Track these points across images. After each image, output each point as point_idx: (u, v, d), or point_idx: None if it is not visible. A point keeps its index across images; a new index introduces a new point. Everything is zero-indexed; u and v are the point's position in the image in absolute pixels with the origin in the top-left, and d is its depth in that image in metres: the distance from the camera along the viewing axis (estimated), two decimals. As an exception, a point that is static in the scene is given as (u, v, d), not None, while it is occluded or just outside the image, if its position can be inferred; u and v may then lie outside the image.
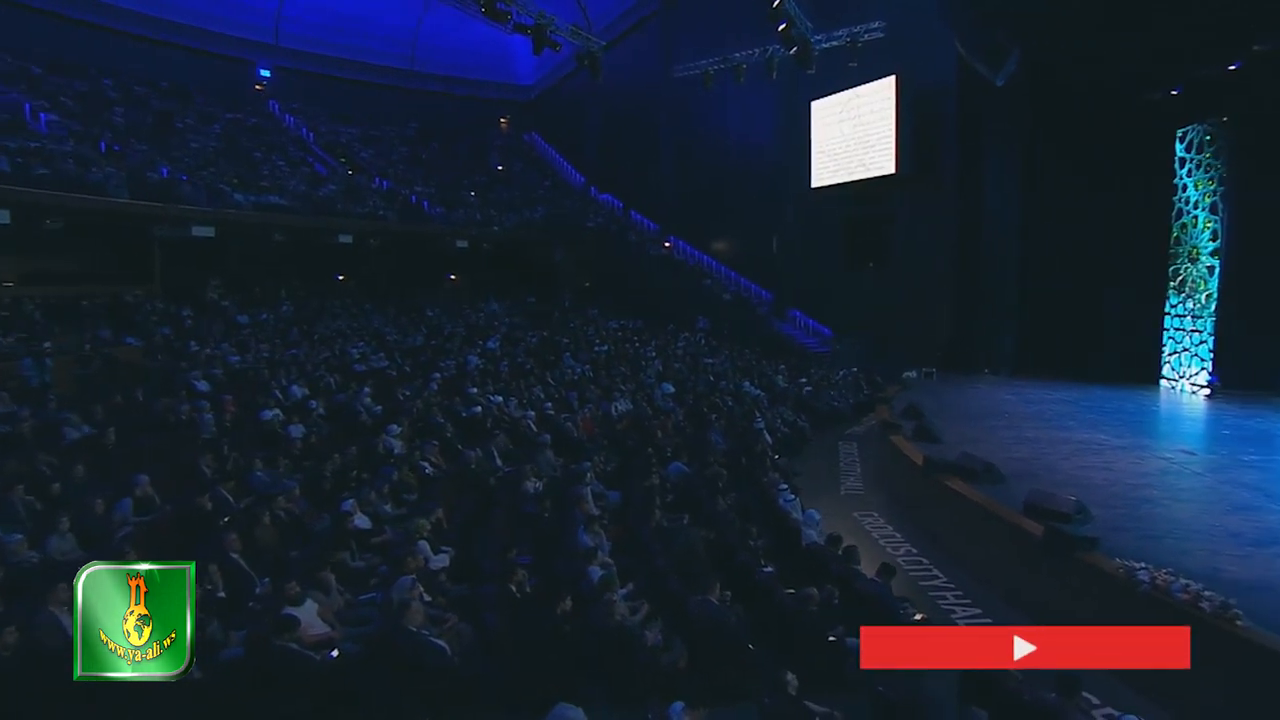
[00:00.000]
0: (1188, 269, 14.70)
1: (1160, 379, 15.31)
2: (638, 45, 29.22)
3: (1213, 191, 14.16)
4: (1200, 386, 14.34)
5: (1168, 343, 15.24)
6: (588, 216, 32.24)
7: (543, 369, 17.26)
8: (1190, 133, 14.54)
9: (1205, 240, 14.30)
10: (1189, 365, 14.70)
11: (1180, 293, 14.88)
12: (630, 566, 6.74)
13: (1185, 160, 14.68)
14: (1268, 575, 6.05)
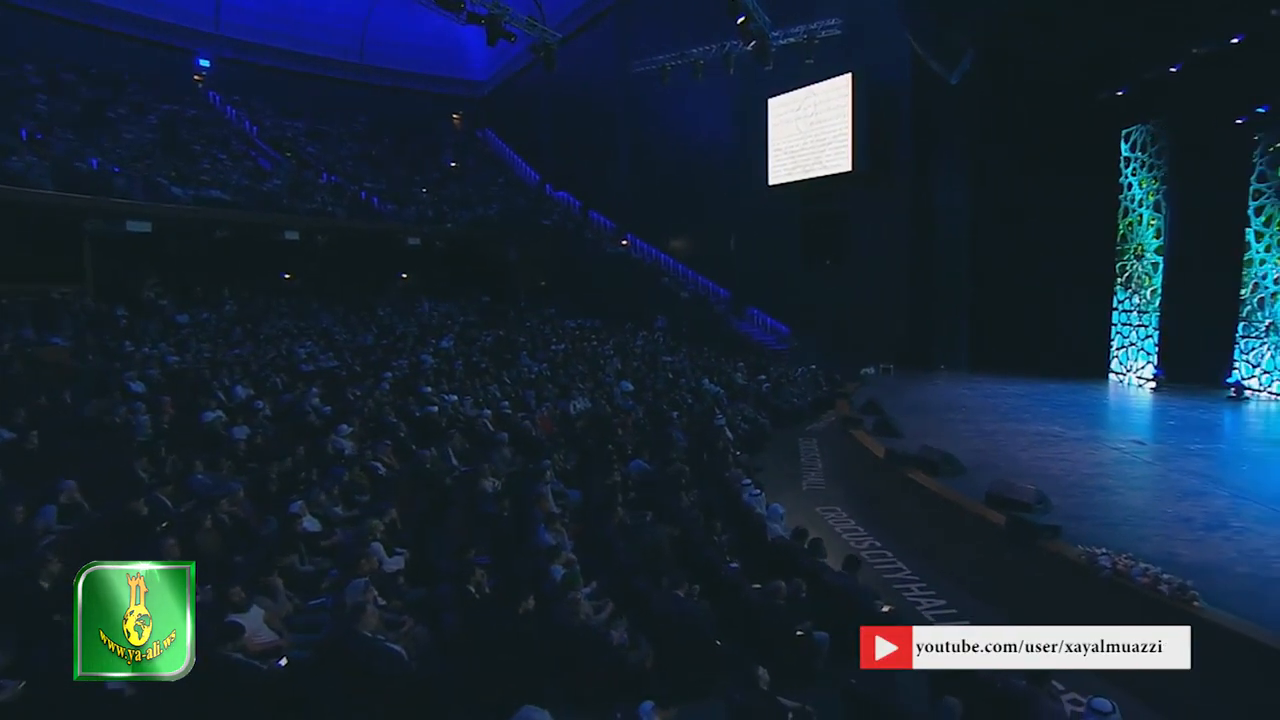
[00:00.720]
0: (1133, 266, 15.20)
1: (1109, 373, 15.79)
2: (593, 40, 29.07)
3: (1156, 190, 14.67)
4: (1146, 380, 14.83)
5: (1115, 338, 15.75)
6: (543, 214, 31.97)
7: (499, 368, 17.02)
8: (1135, 132, 15.04)
9: (1150, 237, 14.81)
10: (1135, 359, 15.20)
11: (1127, 289, 15.38)
12: (593, 565, 6.60)
13: (1130, 159, 15.19)
14: (1219, 558, 6.23)
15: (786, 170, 22.48)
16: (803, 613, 5.83)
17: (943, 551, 7.93)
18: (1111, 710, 4.00)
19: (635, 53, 24.38)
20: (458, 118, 39.27)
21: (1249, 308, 13.88)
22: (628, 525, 7.49)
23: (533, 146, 35.47)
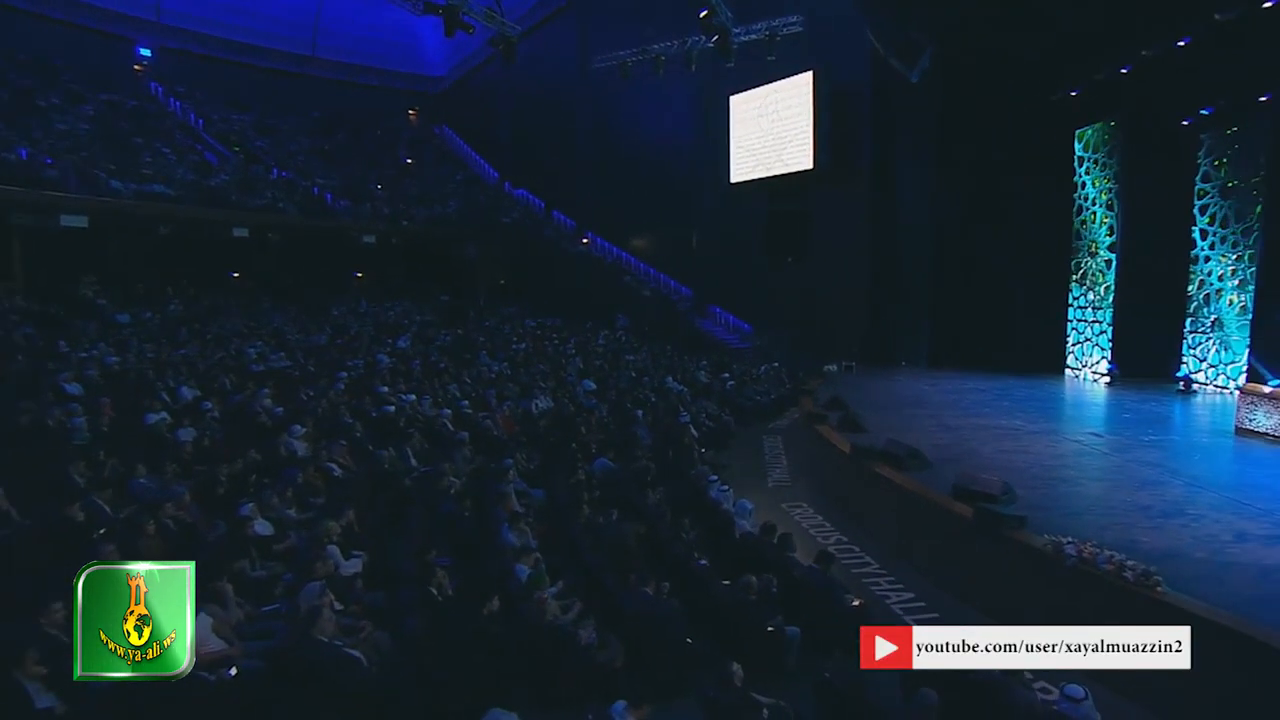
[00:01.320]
0: (1088, 263, 15.62)
1: (1065, 368, 16.18)
2: (553, 35, 28.88)
3: (1108, 189, 15.09)
4: (1101, 374, 15.24)
5: (1071, 333, 16.15)
6: (503, 212, 31.66)
7: (458, 367, 16.75)
8: (1088, 132, 15.45)
9: (1103, 235, 15.23)
10: (1090, 355, 15.61)
11: (1082, 285, 15.80)
12: (559, 564, 6.48)
13: (1084, 159, 15.60)
14: (1177, 544, 6.38)
15: (748, 168, 22.61)
16: (774, 608, 5.80)
17: (910, 545, 7.98)
18: (1084, 696, 4.04)
19: (596, 48, 24.27)
20: (414, 113, 38.69)
21: (1196, 304, 14.36)
22: (594, 523, 7.38)
23: (491, 143, 35.10)
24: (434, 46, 36.46)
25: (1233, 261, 13.70)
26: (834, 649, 5.70)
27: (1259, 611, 5.06)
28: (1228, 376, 13.72)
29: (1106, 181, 15.14)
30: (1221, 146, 13.80)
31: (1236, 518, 7.02)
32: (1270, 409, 10.14)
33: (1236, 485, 8.15)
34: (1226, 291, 13.78)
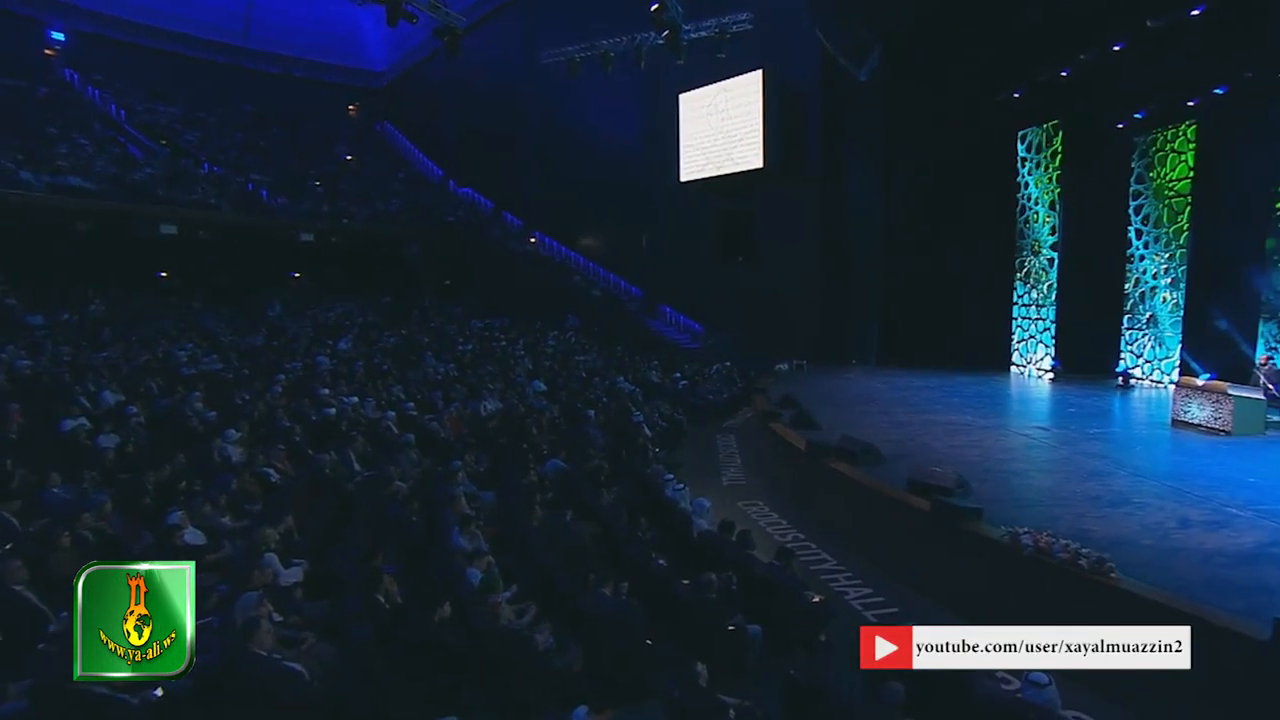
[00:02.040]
0: (1031, 261, 16.10)
1: (1010, 364, 16.65)
2: (499, 30, 28.48)
3: (1050, 189, 15.58)
4: (1045, 371, 15.72)
5: (1016, 331, 16.62)
6: (447, 211, 31.12)
7: (402, 369, 16.34)
8: (1030, 134, 15.94)
9: (1045, 234, 15.72)
10: (1035, 351, 16.09)
11: (1026, 283, 16.27)
12: (513, 567, 6.31)
13: (1026, 159, 16.08)
14: (1126, 532, 6.57)
15: (698, 167, 22.66)
16: (735, 605, 5.74)
17: (867, 540, 8.04)
18: (1048, 682, 4.06)
19: (543, 43, 24.02)
20: (354, 109, 37.75)
21: (1132, 301, 14.92)
22: (548, 525, 7.22)
23: (435, 141, 34.46)
24: (375, 41, 35.66)
25: (1165, 260, 14.28)
26: (795, 647, 5.67)
27: (1205, 594, 5.25)
28: (1162, 371, 14.28)
29: (1048, 182, 15.62)
30: (1153, 149, 14.37)
31: (1178, 505, 7.27)
32: (1203, 401, 10.57)
33: (1176, 474, 8.45)
34: (1160, 289, 14.36)
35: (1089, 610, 5.34)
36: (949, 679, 4.35)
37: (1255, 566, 5.81)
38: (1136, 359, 14.76)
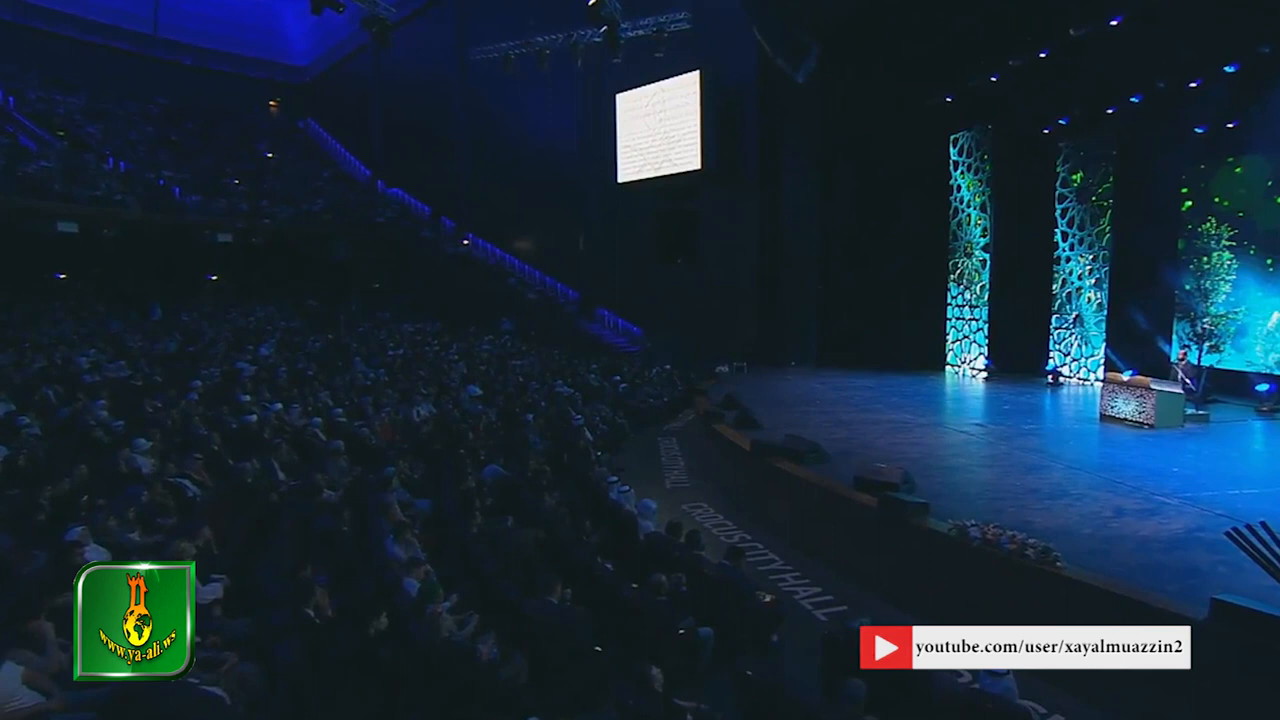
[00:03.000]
0: (964, 263, 16.61)
1: (945, 364, 17.12)
2: (430, 25, 27.97)
3: (982, 192, 16.12)
4: (979, 370, 16.22)
5: (950, 331, 17.11)
6: (376, 212, 30.33)
7: (329, 375, 15.73)
8: (961, 138, 16.47)
9: (977, 236, 16.24)
10: (969, 351, 16.59)
11: (959, 284, 16.78)
12: (452, 576, 6.05)
13: (958, 163, 16.60)
14: (1066, 522, 6.77)
15: (636, 168, 22.67)
16: (686, 608, 5.64)
17: (814, 538, 8.06)
18: (1005, 672, 4.08)
19: (475, 39, 23.68)
20: (275, 104, 36.47)
21: (1060, 301, 15.54)
22: (489, 531, 6.99)
23: (362, 139, 33.60)
24: (298, 35, 34.59)
25: (1090, 262, 14.93)
26: (748, 648, 5.60)
27: (1143, 578, 5.44)
28: (1088, 369, 14.91)
29: (980, 185, 16.15)
30: (1077, 154, 15.03)
31: (1112, 495, 7.54)
32: (1128, 396, 11.04)
33: (1107, 466, 8.78)
34: (1085, 290, 15.00)
35: (1037, 600, 5.46)
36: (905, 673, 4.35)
37: (1186, 551, 6.06)
38: (1064, 357, 15.37)
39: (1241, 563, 5.47)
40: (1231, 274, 13.51)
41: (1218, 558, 5.77)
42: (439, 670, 4.46)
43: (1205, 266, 13.86)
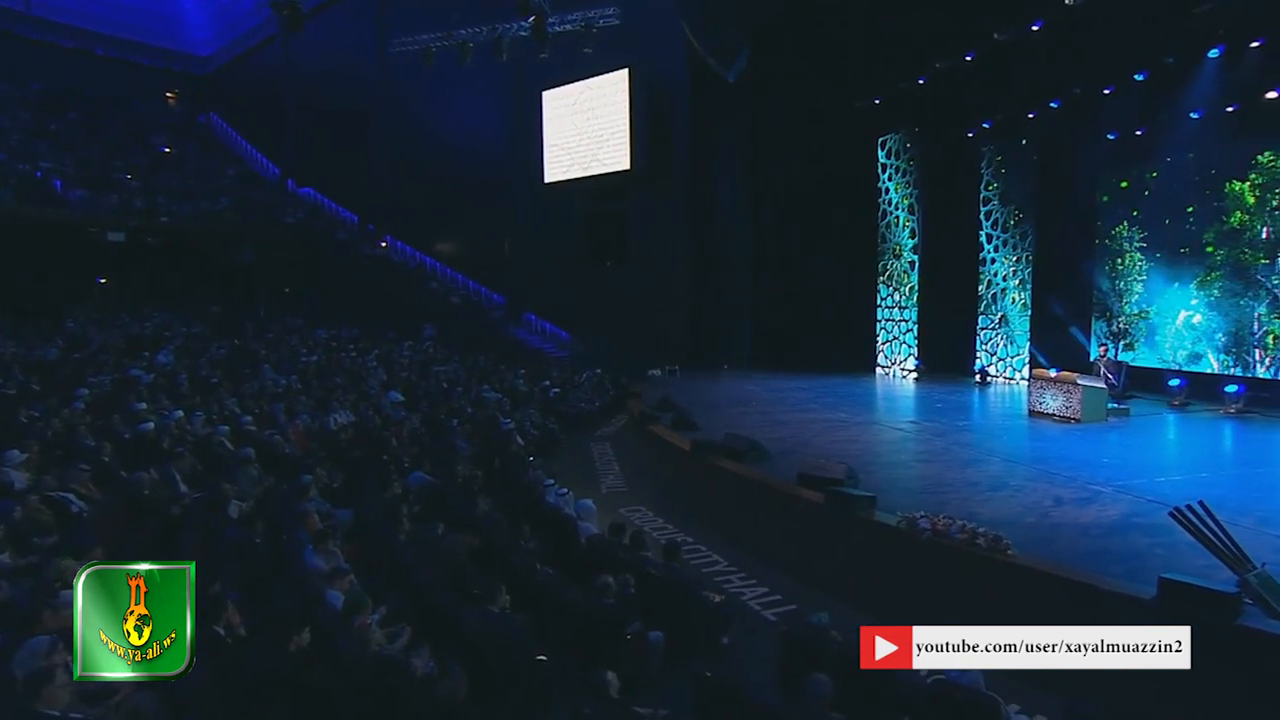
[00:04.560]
0: (893, 264, 17.05)
1: (876, 366, 17.51)
2: (347, 14, 26.98)
3: (909, 194, 16.59)
4: (909, 371, 16.64)
5: (880, 332, 17.52)
6: (286, 211, 29.06)
7: (235, 382, 14.87)
8: (889, 140, 16.92)
9: (905, 238, 16.71)
10: (899, 352, 17.02)
11: (889, 286, 17.20)
12: (380, 587, 5.68)
13: (886, 165, 17.05)
14: (1009, 512, 6.92)
15: (563, 168, 22.45)
16: (632, 611, 5.44)
17: (758, 537, 8.00)
18: (972, 663, 4.04)
19: (395, 30, 23.00)
20: (172, 96, 34.58)
21: (985, 302, 16.12)
22: (418, 538, 6.63)
23: (271, 136, 32.12)
24: (199, 21, 32.95)
25: (1013, 263, 15.54)
26: (699, 651, 5.44)
27: (1089, 563, 5.60)
28: (1014, 368, 15.49)
29: (907, 187, 16.62)
30: (1000, 157, 15.65)
31: (1050, 486, 7.77)
32: (1055, 392, 11.49)
33: (1041, 459, 9.07)
34: (1010, 290, 15.59)
35: (989, 588, 5.50)
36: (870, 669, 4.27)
37: (1125, 535, 6.28)
38: (991, 357, 15.92)
39: (1178, 545, 5.68)
40: (1143, 274, 14.31)
41: (1155, 540, 5.99)
42: (370, 687, 4.12)
43: (1119, 267, 14.65)
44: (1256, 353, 12.63)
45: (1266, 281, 12.50)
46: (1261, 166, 12.45)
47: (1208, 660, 4.41)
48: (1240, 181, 12.71)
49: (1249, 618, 4.48)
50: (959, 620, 5.29)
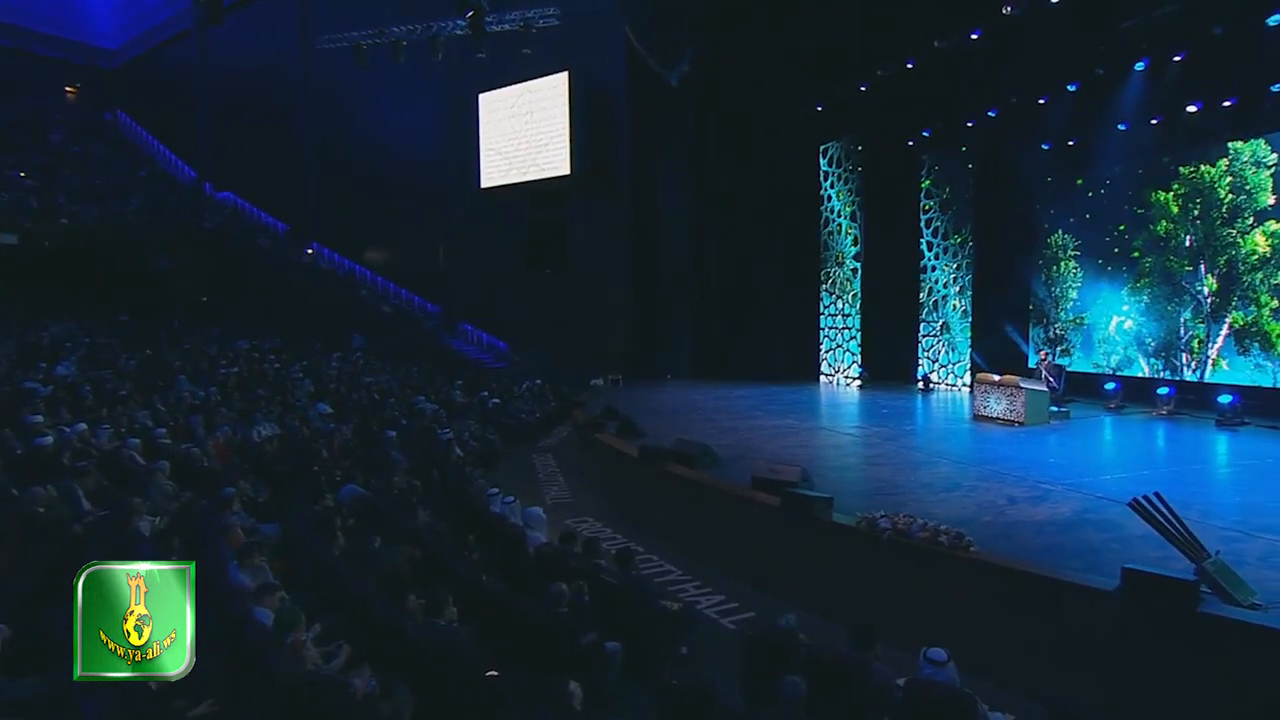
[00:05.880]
0: (836, 272, 17.31)
1: (820, 374, 17.70)
2: (267, 9, 26.16)
3: (851, 201, 16.89)
4: (852, 378, 16.87)
5: (824, 340, 17.73)
6: (203, 216, 27.91)
7: (147, 394, 14.07)
8: (831, 148, 17.21)
9: (848, 245, 16.98)
10: (842, 360, 17.24)
11: (832, 294, 17.45)
12: (315, 603, 5.33)
13: (828, 173, 17.34)
14: (965, 512, 7.01)
15: (501, 172, 22.17)
16: (586, 620, 5.24)
17: (712, 544, 7.90)
18: (946, 659, 4.00)
19: (322, 25, 22.35)
20: (73, 91, 32.87)
21: (926, 309, 16.50)
22: (355, 551, 6.29)
23: (187, 136, 30.87)
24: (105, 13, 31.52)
25: (954, 270, 15.97)
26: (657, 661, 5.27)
27: (1048, 558, 5.72)
28: (955, 375, 15.88)
29: (850, 195, 16.92)
30: (939, 166, 16.09)
31: (1002, 485, 7.92)
32: (1000, 395, 11.78)
33: (991, 460, 9.27)
34: (950, 297, 16.01)
35: (953, 586, 5.50)
36: (841, 666, 4.19)
37: (1080, 531, 6.44)
38: (933, 364, 16.28)
39: (1130, 539, 5.83)
40: (1078, 282, 14.89)
41: (1109, 535, 6.14)
42: (305, 710, 3.82)
43: (1055, 275, 15.21)
44: (1184, 356, 13.25)
45: (1191, 288, 13.14)
46: (1184, 177, 13.12)
47: (1172, 647, 4.52)
48: (1165, 192, 13.37)
49: (1208, 605, 4.57)
50: (924, 618, 5.35)
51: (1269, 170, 11.97)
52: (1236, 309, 12.48)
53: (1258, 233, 12.13)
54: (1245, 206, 12.31)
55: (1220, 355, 12.69)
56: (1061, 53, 12.78)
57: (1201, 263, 12.96)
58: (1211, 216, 12.73)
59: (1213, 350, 12.80)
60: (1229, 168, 12.50)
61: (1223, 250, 12.61)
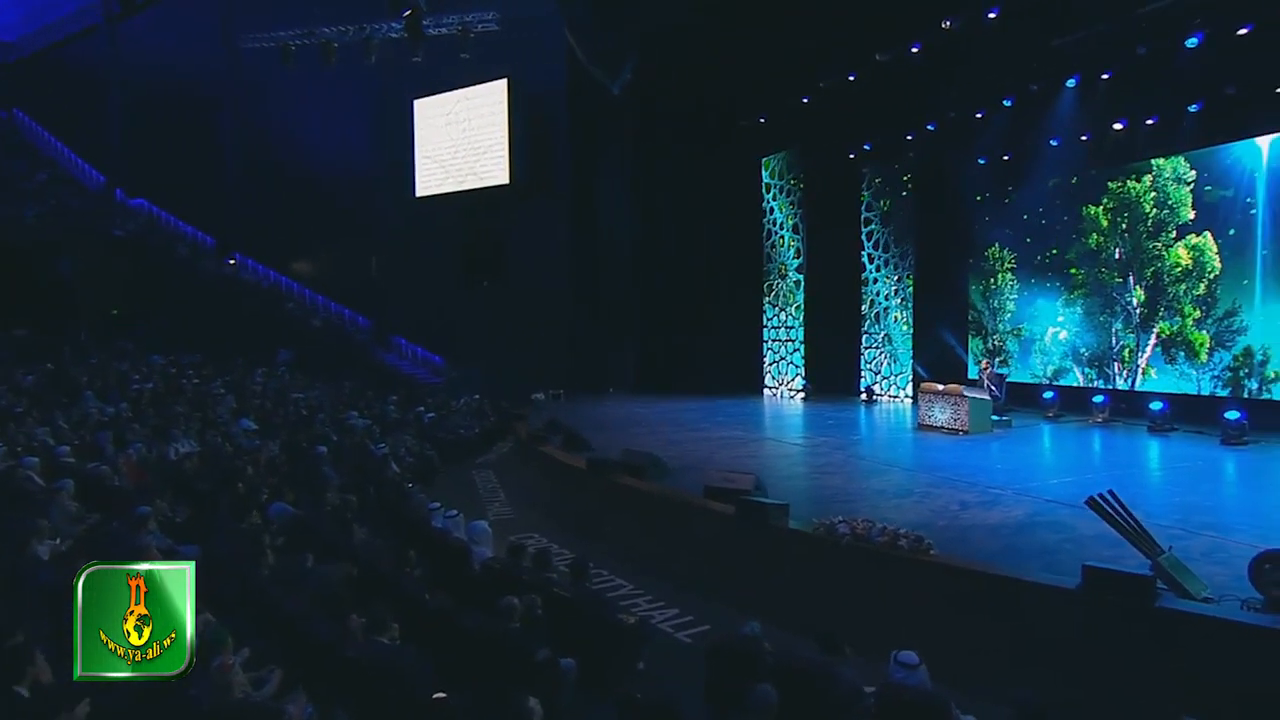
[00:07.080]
0: (779, 284, 17.49)
1: (764, 387, 17.82)
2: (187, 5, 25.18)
3: (794, 214, 17.12)
4: (796, 391, 17.02)
5: (767, 353, 17.87)
6: (113, 223, 26.60)
7: (47, 411, 13.24)
8: (773, 160, 17.45)
9: (791, 258, 17.18)
10: (786, 373, 17.40)
11: (775, 306, 17.61)
12: (242, 627, 4.99)
13: (770, 185, 17.56)
14: (921, 517, 7.10)
15: (437, 181, 21.79)
16: (539, 635, 5.05)
17: (664, 557, 7.77)
18: (918, 663, 3.96)
19: (246, 23, 21.63)
20: (-42, 85, 31.11)
21: (868, 321, 16.81)
22: (286, 571, 5.95)
23: (94, 138, 29.40)
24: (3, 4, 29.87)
25: (895, 283, 16.32)
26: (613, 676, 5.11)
27: (1006, 559, 5.80)
28: (898, 386, 16.19)
29: (792, 207, 17.14)
30: (879, 179, 16.47)
31: (954, 491, 8.04)
32: (944, 404, 12.03)
33: (939, 467, 9.46)
34: (892, 309, 16.35)
35: (914, 589, 5.50)
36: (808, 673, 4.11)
37: (1032, 533, 6.58)
38: (875, 375, 16.56)
39: (1083, 539, 5.96)
40: (1015, 294, 15.40)
41: (1062, 536, 6.27)
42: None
43: (993, 287, 15.69)
44: (1116, 365, 13.80)
45: (1121, 299, 13.72)
46: (1113, 192, 13.73)
47: (1132, 643, 4.58)
48: (1095, 206, 13.96)
49: (1164, 600, 4.66)
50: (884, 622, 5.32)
51: (1189, 186, 12.63)
52: (1163, 319, 13.07)
53: (1180, 246, 12.76)
54: (1169, 221, 12.94)
55: (1149, 364, 13.27)
56: (998, 68, 13.24)
57: (1130, 275, 13.55)
58: (1138, 230, 13.34)
59: (1142, 359, 13.37)
60: (1153, 183, 13.14)
61: (1149, 263, 13.21)
